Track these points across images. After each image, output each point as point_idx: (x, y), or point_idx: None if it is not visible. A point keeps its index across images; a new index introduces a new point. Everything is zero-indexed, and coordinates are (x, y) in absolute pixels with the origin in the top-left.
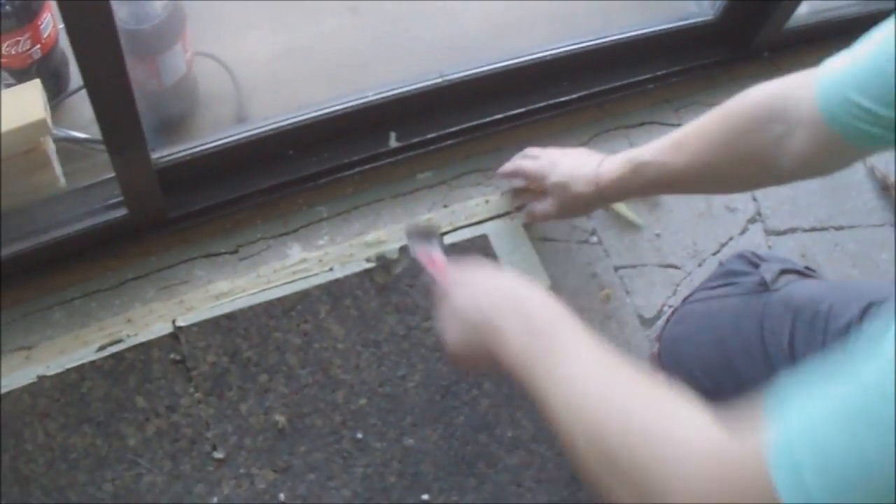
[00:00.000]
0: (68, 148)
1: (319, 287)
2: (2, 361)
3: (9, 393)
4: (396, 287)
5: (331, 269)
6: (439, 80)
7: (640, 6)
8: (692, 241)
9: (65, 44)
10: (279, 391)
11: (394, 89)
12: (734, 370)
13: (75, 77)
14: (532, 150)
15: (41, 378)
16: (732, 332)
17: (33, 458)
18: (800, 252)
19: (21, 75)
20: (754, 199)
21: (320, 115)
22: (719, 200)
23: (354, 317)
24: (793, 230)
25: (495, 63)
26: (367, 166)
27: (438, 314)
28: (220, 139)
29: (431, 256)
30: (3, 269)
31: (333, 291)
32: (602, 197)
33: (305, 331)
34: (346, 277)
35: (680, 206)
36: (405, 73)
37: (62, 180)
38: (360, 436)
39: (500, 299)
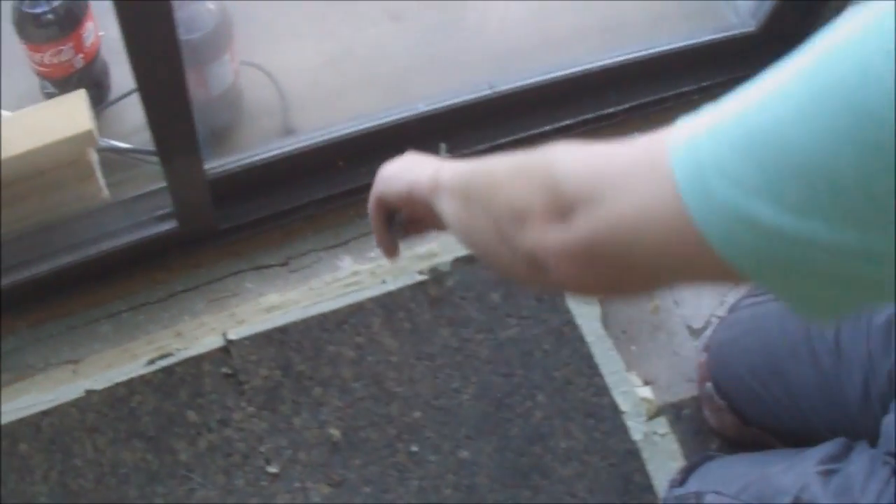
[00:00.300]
0: (109, 158)
1: (372, 300)
2: (49, 375)
3: (56, 407)
4: (449, 300)
5: (383, 282)
6: (489, 91)
7: (687, 16)
8: None
9: (106, 53)
10: (333, 404)
11: (444, 101)
12: (781, 372)
13: (116, 86)
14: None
15: (89, 392)
16: (779, 334)
17: (82, 474)
18: None
19: (62, 85)
20: None
21: (371, 127)
22: None
23: (408, 329)
24: None
25: (544, 74)
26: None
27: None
28: (270, 150)
29: None
30: (48, 282)
31: (386, 304)
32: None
33: (359, 344)
34: (399, 290)
35: None
36: (451, 83)
37: (105, 191)
38: (414, 449)
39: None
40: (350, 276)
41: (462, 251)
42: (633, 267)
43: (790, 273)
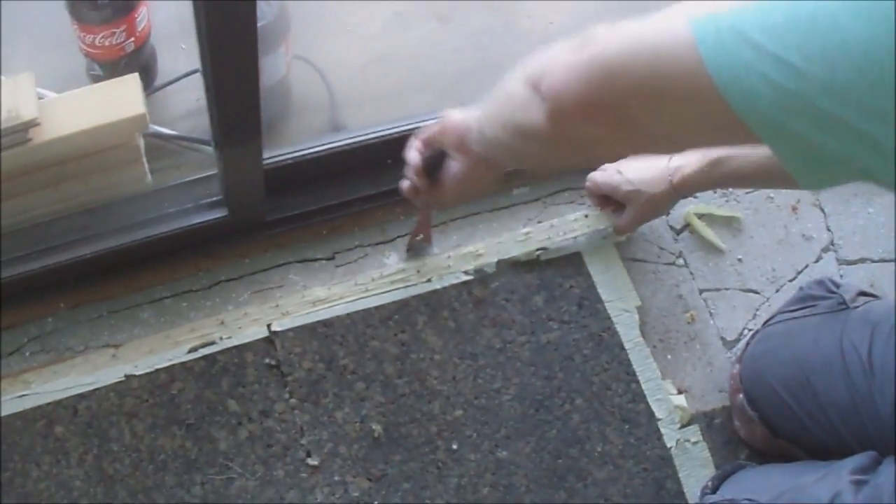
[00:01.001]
0: (152, 144)
1: (417, 297)
2: (88, 359)
3: (95, 391)
4: (493, 301)
5: (429, 280)
6: None
7: None
8: (771, 266)
9: (155, 39)
10: (375, 399)
11: None
12: (813, 385)
13: (162, 72)
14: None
15: (129, 377)
16: (812, 347)
17: (119, 458)
18: (869, 282)
19: (110, 67)
20: (828, 230)
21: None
22: (796, 228)
23: (452, 329)
24: (863, 260)
25: None
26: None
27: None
28: (322, 145)
29: None
30: (90, 264)
31: (431, 302)
32: (678, 193)
33: (403, 340)
34: (445, 289)
35: (760, 233)
36: None
37: (149, 177)
38: (455, 447)
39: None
40: (396, 273)
41: (507, 255)
42: (632, 94)
43: (786, 128)
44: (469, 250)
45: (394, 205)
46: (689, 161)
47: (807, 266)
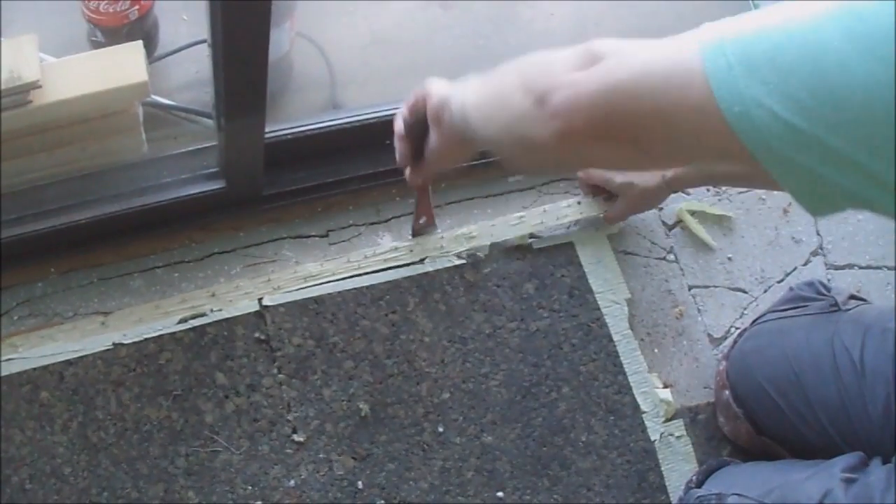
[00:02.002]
0: (151, 114)
1: (409, 279)
2: (77, 325)
3: (82, 358)
4: (485, 286)
5: (422, 262)
6: None
7: None
8: (760, 267)
9: (158, 8)
10: (364, 379)
11: None
12: (803, 385)
13: (163, 42)
14: None
15: (117, 346)
16: (803, 346)
17: (104, 427)
18: (855, 288)
19: (112, 34)
20: (818, 234)
21: None
22: (787, 230)
23: (442, 311)
24: (850, 266)
25: None
26: (461, 165)
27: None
28: (321, 122)
29: None
30: (83, 230)
31: (423, 284)
32: (669, 188)
33: (393, 321)
34: (437, 272)
35: (751, 233)
36: None
37: (146, 146)
38: (440, 429)
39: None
40: (389, 252)
41: (500, 238)
42: (643, 121)
43: (794, 162)
44: (462, 232)
45: (390, 185)
46: None
47: (795, 268)
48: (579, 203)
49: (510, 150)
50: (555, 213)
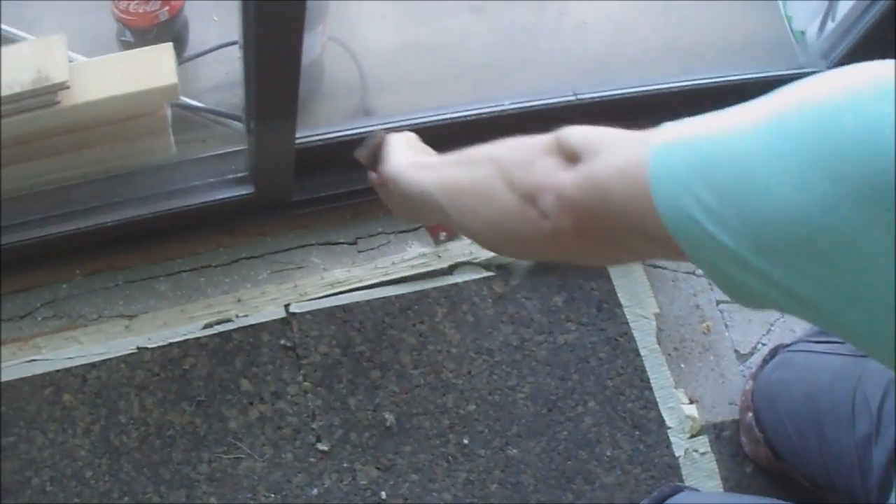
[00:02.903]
0: (179, 115)
1: (438, 289)
2: (101, 328)
3: (106, 361)
4: (513, 298)
5: (451, 273)
6: (573, 98)
7: (760, 50)
8: None
9: (189, 9)
10: (390, 389)
11: (528, 101)
12: (820, 429)
13: (192, 43)
14: None
15: (141, 350)
16: (826, 391)
17: (126, 431)
18: None
19: (142, 35)
20: None
21: (454, 118)
22: None
23: (470, 323)
24: None
25: (627, 88)
26: None
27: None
28: (352, 128)
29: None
30: (109, 232)
31: (451, 295)
32: None
33: (421, 331)
34: (465, 283)
35: None
36: (532, 83)
37: (174, 148)
38: (465, 441)
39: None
40: (417, 258)
41: None
42: (617, 225)
43: (719, 268)
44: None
45: None
46: None
47: None
48: None
49: (495, 240)
50: None
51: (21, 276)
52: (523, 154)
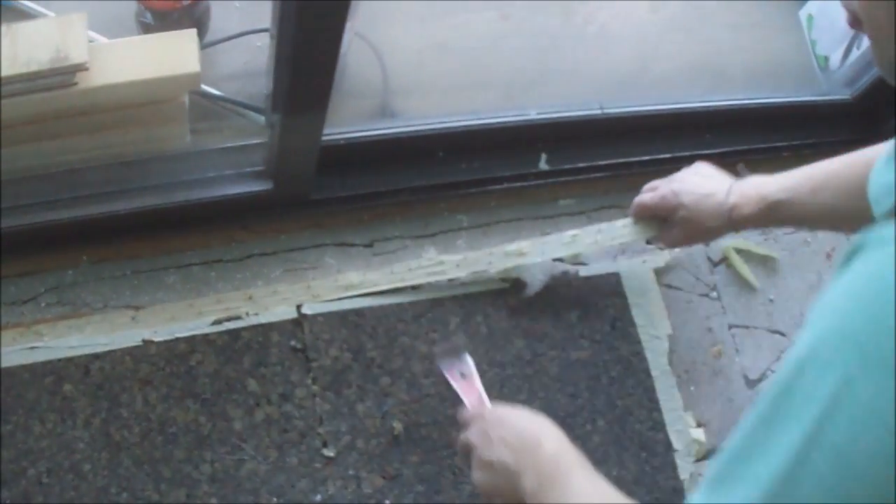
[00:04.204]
0: (196, 103)
1: (453, 299)
2: (106, 317)
3: (109, 352)
4: (528, 312)
5: (466, 282)
6: (598, 111)
7: (782, 76)
8: (800, 311)
9: None
10: (399, 397)
11: (553, 112)
12: None
13: (213, 29)
14: (651, 183)
15: (147, 342)
16: None
17: (127, 425)
18: None
19: (162, 18)
20: None
21: (478, 124)
22: (829, 275)
23: (483, 334)
24: None
25: (653, 105)
26: (514, 184)
27: (466, 442)
28: (376, 129)
29: (462, 374)
30: (120, 220)
31: (466, 305)
32: (734, 228)
33: (433, 340)
34: (480, 294)
35: (794, 275)
36: (557, 94)
37: (189, 136)
38: None
39: (518, 447)
40: (434, 265)
41: (550, 255)
42: None
43: None
44: (512, 249)
45: (439, 200)
46: (747, 200)
47: None
48: (635, 224)
49: None
50: (610, 232)
51: (25, 259)
52: None
